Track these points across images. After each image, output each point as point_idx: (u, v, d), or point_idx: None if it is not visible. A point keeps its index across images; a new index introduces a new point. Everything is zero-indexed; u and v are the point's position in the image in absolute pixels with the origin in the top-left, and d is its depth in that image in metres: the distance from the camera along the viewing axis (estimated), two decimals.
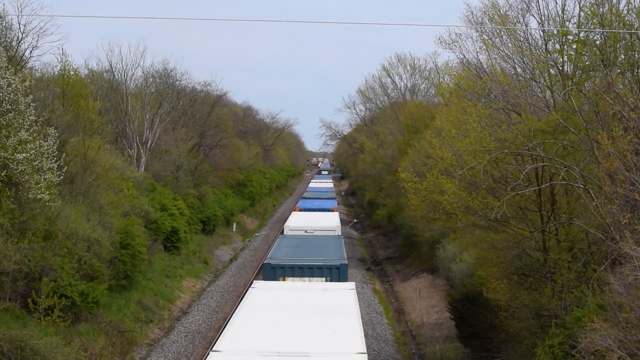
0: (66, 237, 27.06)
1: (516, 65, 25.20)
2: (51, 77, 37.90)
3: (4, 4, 59.32)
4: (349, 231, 67.02)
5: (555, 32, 23.74)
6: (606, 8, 21.97)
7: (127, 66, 50.92)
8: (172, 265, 42.71)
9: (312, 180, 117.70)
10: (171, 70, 58.89)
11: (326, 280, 28.79)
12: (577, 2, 23.28)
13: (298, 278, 29.05)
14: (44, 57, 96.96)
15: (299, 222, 45.30)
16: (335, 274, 29.34)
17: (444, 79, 60.44)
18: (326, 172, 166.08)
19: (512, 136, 22.25)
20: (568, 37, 23.56)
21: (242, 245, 60.30)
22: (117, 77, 50.78)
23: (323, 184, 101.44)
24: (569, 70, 23.59)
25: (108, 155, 37.04)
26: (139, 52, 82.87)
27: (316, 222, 45.57)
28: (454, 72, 31.26)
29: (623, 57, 22.02)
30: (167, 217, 43.66)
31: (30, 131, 25.34)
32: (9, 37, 33.14)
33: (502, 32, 24.83)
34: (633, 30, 21.51)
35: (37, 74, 35.85)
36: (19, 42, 32.97)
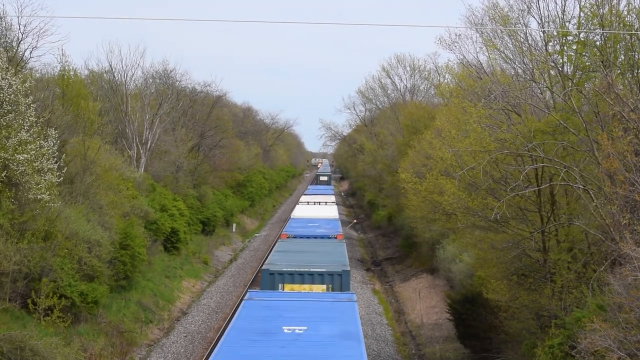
0: (66, 238, 27.07)
1: (516, 66, 25.21)
2: (51, 77, 37.89)
3: (3, 5, 59.52)
4: (349, 232, 66.99)
5: (555, 33, 23.73)
6: (606, 9, 21.96)
7: (127, 67, 50.92)
8: (171, 265, 42.72)
9: (301, 199, 65.62)
10: (171, 71, 59.08)
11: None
12: (577, 3, 23.29)
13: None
14: (44, 58, 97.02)
15: None
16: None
17: (444, 77, 60.60)
18: (326, 178, 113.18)
19: (512, 137, 22.26)
20: (568, 38, 23.56)
21: (241, 245, 60.28)
22: (117, 78, 50.79)
23: (321, 206, 56.03)
24: (568, 71, 23.59)
25: (108, 155, 37.01)
26: (139, 53, 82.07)
27: None
28: (455, 71, 31.32)
29: (623, 57, 22.02)
30: (166, 217, 43.67)
31: (31, 132, 25.34)
32: (9, 38, 33.18)
33: (502, 33, 24.83)
34: (633, 31, 21.51)
35: (37, 74, 35.86)
36: (19, 42, 33.01)
